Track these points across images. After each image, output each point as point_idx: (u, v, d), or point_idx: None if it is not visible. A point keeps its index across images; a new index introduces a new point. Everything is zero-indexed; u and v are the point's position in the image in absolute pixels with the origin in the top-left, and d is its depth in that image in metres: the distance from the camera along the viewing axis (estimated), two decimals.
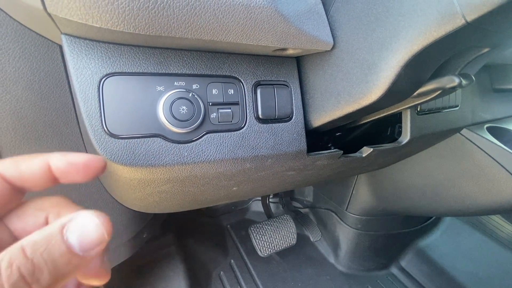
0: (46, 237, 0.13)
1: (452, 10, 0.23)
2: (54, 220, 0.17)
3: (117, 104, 0.28)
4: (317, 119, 0.38)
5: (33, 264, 0.13)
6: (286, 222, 1.00)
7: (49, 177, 0.17)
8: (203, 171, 0.34)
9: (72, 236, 0.14)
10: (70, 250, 0.14)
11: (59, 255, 0.13)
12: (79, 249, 0.14)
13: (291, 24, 0.30)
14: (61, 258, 0.14)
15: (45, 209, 0.18)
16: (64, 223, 0.14)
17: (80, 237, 0.14)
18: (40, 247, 0.13)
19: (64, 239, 0.14)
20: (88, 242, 0.14)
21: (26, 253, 0.13)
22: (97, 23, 0.24)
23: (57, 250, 0.13)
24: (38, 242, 0.13)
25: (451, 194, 0.68)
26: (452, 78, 0.32)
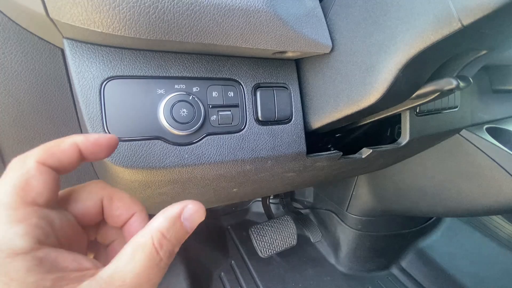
0: (172, 223, 0.19)
1: (449, 14, 0.23)
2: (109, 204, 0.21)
3: (118, 107, 0.29)
4: (317, 121, 0.39)
5: (172, 244, 0.18)
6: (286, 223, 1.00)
7: (79, 157, 0.19)
8: (203, 173, 0.35)
9: (186, 222, 0.19)
10: (186, 231, 0.19)
11: (182, 235, 0.19)
12: (189, 229, 0.20)
13: (290, 28, 0.30)
14: (182, 236, 0.19)
15: (95, 192, 0.21)
16: (179, 211, 0.19)
17: (191, 221, 0.19)
18: (172, 231, 0.18)
19: (183, 224, 0.19)
20: (195, 224, 0.20)
21: (166, 236, 0.18)
22: (99, 28, 0.24)
23: (180, 231, 0.19)
24: (170, 228, 0.18)
25: (451, 194, 0.68)
26: (450, 80, 0.32)
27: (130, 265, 0.16)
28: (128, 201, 0.22)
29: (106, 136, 0.20)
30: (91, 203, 0.21)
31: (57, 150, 0.18)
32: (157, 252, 0.17)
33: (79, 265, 0.17)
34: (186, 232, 0.19)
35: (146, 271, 0.16)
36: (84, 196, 0.21)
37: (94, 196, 0.21)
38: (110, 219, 0.21)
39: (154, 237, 0.17)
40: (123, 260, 0.17)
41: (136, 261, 0.16)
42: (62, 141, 0.19)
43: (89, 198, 0.21)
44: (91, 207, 0.21)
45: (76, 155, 0.19)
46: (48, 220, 0.17)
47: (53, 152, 0.18)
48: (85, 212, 0.20)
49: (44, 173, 0.17)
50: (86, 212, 0.20)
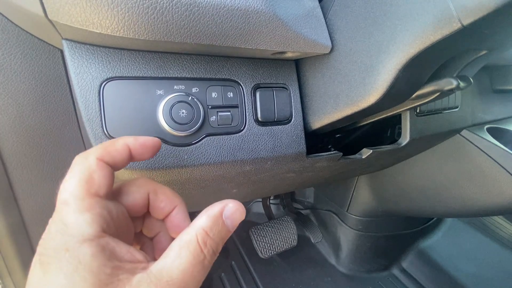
0: (215, 222, 0.19)
1: (448, 14, 0.23)
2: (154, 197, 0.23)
3: (117, 108, 0.29)
4: (316, 122, 0.39)
5: (216, 242, 0.19)
6: (287, 223, 1.00)
7: (129, 156, 0.21)
8: (203, 174, 0.34)
9: (227, 220, 0.20)
10: (227, 229, 0.20)
11: (224, 233, 0.20)
12: (231, 227, 0.20)
13: (289, 28, 0.30)
14: (225, 234, 0.20)
15: (143, 186, 0.22)
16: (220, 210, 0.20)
17: (232, 220, 0.20)
18: (215, 229, 0.19)
19: (225, 222, 0.20)
20: (236, 222, 0.21)
21: (209, 234, 0.19)
22: (98, 29, 0.24)
23: (223, 230, 0.20)
24: (212, 226, 0.19)
25: (452, 195, 0.68)
26: (450, 81, 0.32)
27: (177, 262, 0.17)
28: (170, 194, 0.23)
29: (151, 139, 0.23)
30: (139, 196, 0.22)
31: (113, 149, 0.20)
32: (201, 249, 0.18)
33: (133, 257, 0.18)
34: (228, 230, 0.20)
35: (191, 268, 0.17)
36: (133, 189, 0.22)
37: (142, 189, 0.22)
38: (155, 211, 0.23)
39: (198, 235, 0.18)
40: (171, 256, 0.18)
41: (182, 257, 0.18)
42: (116, 141, 0.21)
43: (137, 191, 0.22)
44: (139, 199, 0.22)
45: (127, 154, 0.21)
46: (108, 211, 0.19)
47: (109, 150, 0.20)
48: (134, 204, 0.22)
49: (103, 168, 0.19)
50: (135, 204, 0.22)
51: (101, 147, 0.20)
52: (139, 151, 0.22)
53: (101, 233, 0.17)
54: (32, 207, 0.39)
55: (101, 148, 0.20)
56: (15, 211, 0.38)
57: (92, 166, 0.19)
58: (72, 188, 0.18)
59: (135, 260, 0.18)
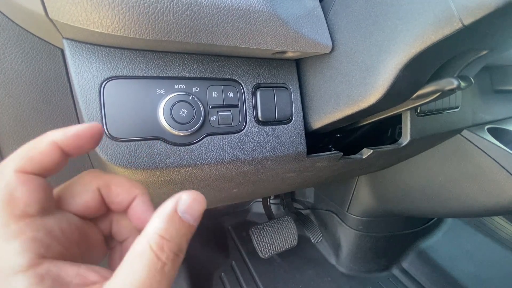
0: (170, 221, 0.17)
1: (449, 14, 0.23)
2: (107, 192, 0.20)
3: (118, 107, 0.29)
4: (317, 121, 0.38)
5: (176, 243, 0.17)
6: (287, 223, 1.00)
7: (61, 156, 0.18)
8: (203, 173, 0.34)
9: (185, 215, 0.18)
10: (189, 224, 0.18)
11: (186, 230, 0.18)
12: (193, 221, 0.18)
13: (290, 28, 0.30)
14: (187, 231, 0.18)
15: (90, 183, 0.20)
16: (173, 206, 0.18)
17: (191, 212, 0.18)
18: (172, 230, 0.17)
19: (182, 218, 0.17)
20: (196, 213, 0.18)
21: (166, 237, 0.16)
22: (98, 28, 0.24)
23: (182, 227, 0.17)
24: (168, 228, 0.17)
25: (452, 195, 0.68)
26: (450, 80, 0.32)
27: (130, 278, 0.15)
28: (127, 185, 0.21)
29: (87, 126, 0.18)
30: (88, 196, 0.19)
31: (35, 153, 0.17)
32: (157, 257, 0.16)
33: (84, 279, 0.16)
34: (189, 225, 0.18)
35: (148, 281, 0.15)
36: (79, 189, 0.19)
37: (89, 187, 0.19)
38: (113, 206, 0.21)
39: (151, 242, 0.16)
40: (123, 272, 0.15)
41: (135, 272, 0.15)
42: (39, 141, 0.17)
43: (85, 190, 0.19)
44: (90, 199, 0.19)
45: (57, 154, 0.17)
46: (46, 230, 0.16)
47: (31, 156, 0.16)
48: (85, 206, 0.19)
49: (26, 181, 0.16)
50: (86, 205, 0.19)
51: (20, 154, 0.16)
52: (73, 144, 0.18)
53: (37, 260, 0.15)
54: None
55: (20, 155, 0.16)
56: None
57: (11, 183, 0.15)
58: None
59: (87, 282, 0.16)
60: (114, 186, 0.20)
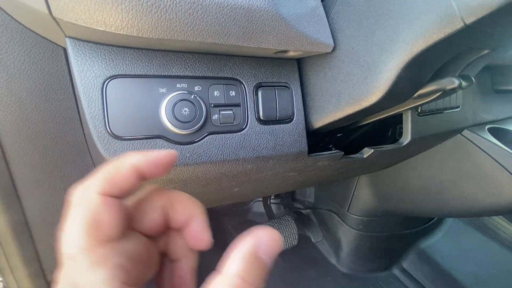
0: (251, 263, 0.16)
1: (451, 13, 0.23)
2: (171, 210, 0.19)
3: (120, 106, 0.29)
4: (318, 120, 0.39)
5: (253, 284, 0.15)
6: (287, 223, 1.00)
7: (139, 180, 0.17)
8: (204, 172, 0.35)
9: (264, 256, 0.17)
10: (266, 266, 0.17)
11: (262, 271, 0.16)
12: (270, 263, 0.17)
13: (292, 27, 0.30)
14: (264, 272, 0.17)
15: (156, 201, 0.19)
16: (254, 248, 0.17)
17: (269, 254, 0.17)
18: (252, 272, 0.16)
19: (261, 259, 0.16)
20: (274, 253, 0.17)
21: (246, 280, 0.15)
22: (101, 26, 0.24)
23: (261, 269, 0.16)
24: (248, 269, 0.16)
25: (452, 195, 0.68)
26: (452, 80, 0.32)
27: None
28: (188, 203, 0.20)
29: (165, 153, 0.18)
30: (155, 214, 0.19)
31: (119, 177, 0.16)
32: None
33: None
34: (267, 267, 0.17)
35: None
36: (147, 207, 0.19)
37: (156, 205, 0.19)
38: (174, 224, 0.20)
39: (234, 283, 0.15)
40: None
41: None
42: (120, 165, 0.17)
43: (152, 208, 0.19)
44: (157, 218, 0.19)
45: (136, 178, 0.17)
46: (127, 255, 0.16)
47: (114, 180, 0.16)
48: (153, 225, 0.19)
49: (111, 205, 0.16)
50: (154, 224, 0.19)
51: (103, 177, 0.16)
52: (152, 170, 0.18)
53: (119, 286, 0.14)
54: (34, 205, 0.39)
55: (104, 178, 0.16)
56: (17, 209, 0.38)
57: (96, 206, 0.15)
58: (77, 238, 0.14)
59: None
60: (177, 203, 0.19)
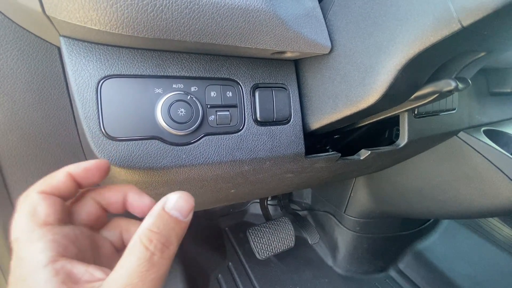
0: (158, 217, 0.19)
1: (448, 15, 0.23)
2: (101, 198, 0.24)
3: (115, 106, 0.28)
4: (315, 122, 0.38)
5: (163, 235, 0.19)
6: (284, 224, 1.00)
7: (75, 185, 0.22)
8: (201, 174, 0.34)
9: (173, 211, 0.20)
10: (177, 219, 0.20)
11: (174, 224, 0.20)
12: (181, 217, 0.20)
13: (289, 28, 0.30)
14: (176, 226, 0.20)
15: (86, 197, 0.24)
16: (161, 205, 0.20)
17: (179, 209, 0.20)
18: (160, 224, 0.19)
19: (170, 214, 0.20)
20: (184, 210, 0.20)
21: (154, 230, 0.19)
22: (96, 25, 0.24)
23: (170, 222, 0.20)
24: (155, 222, 0.19)
25: (448, 196, 0.68)
26: (448, 82, 0.32)
27: (124, 269, 0.18)
28: (115, 187, 0.24)
29: (95, 161, 0.23)
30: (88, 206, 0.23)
31: (53, 180, 0.21)
32: (146, 248, 0.18)
33: (91, 276, 0.18)
34: (177, 220, 0.20)
35: (137, 269, 0.17)
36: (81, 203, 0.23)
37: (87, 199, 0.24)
38: (112, 208, 0.24)
39: (141, 236, 0.19)
40: (118, 266, 0.18)
41: (128, 263, 0.18)
42: (57, 172, 0.22)
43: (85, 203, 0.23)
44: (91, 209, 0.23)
45: (71, 183, 0.22)
46: (63, 234, 0.20)
47: (50, 182, 0.21)
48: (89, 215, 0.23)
49: (46, 198, 0.20)
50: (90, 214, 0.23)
51: (42, 181, 0.21)
52: (83, 175, 0.22)
53: (55, 257, 0.18)
54: None
55: (42, 182, 0.21)
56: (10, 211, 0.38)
57: (34, 200, 0.20)
58: (20, 225, 0.19)
59: (94, 279, 0.18)
60: (105, 192, 0.24)
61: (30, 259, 0.18)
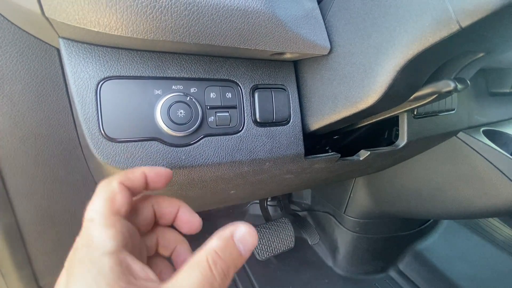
0: (226, 244, 0.20)
1: (447, 16, 0.23)
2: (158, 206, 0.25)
3: (114, 107, 0.28)
4: (315, 123, 0.38)
5: (227, 264, 0.19)
6: (284, 225, 1.00)
7: (145, 184, 0.23)
8: (200, 175, 0.34)
9: (239, 243, 0.20)
10: (239, 252, 0.20)
11: (236, 256, 0.20)
12: (243, 252, 0.20)
13: (288, 29, 0.30)
14: (237, 258, 0.20)
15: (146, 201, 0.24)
16: (232, 232, 0.20)
17: (244, 243, 0.20)
18: (226, 251, 0.19)
19: (236, 245, 0.20)
20: (248, 245, 0.21)
21: (220, 255, 0.19)
22: (95, 27, 0.24)
23: (234, 253, 0.20)
24: (224, 248, 0.19)
25: (448, 197, 0.68)
26: (447, 83, 0.32)
27: (186, 281, 0.18)
28: (171, 199, 0.25)
29: (164, 169, 0.24)
30: (147, 211, 0.24)
31: (132, 176, 0.22)
32: (211, 270, 0.18)
33: (146, 275, 0.19)
34: (239, 254, 0.20)
35: (199, 285, 0.17)
36: (140, 206, 0.24)
37: (147, 204, 0.24)
38: (163, 218, 0.25)
39: (208, 255, 0.19)
40: (180, 276, 0.18)
41: (191, 277, 0.18)
42: (135, 169, 0.23)
43: (144, 206, 0.24)
44: (149, 214, 0.24)
45: (143, 181, 0.23)
46: (127, 229, 0.20)
47: (129, 177, 0.22)
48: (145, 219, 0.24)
49: (124, 190, 0.21)
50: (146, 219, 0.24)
51: (123, 174, 0.22)
52: (154, 179, 0.23)
53: (121, 248, 0.18)
54: (26, 208, 0.38)
55: (123, 174, 0.22)
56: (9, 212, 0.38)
57: (115, 188, 0.21)
58: (97, 207, 0.20)
59: (148, 278, 0.19)
60: (162, 200, 0.25)
61: (100, 242, 0.18)
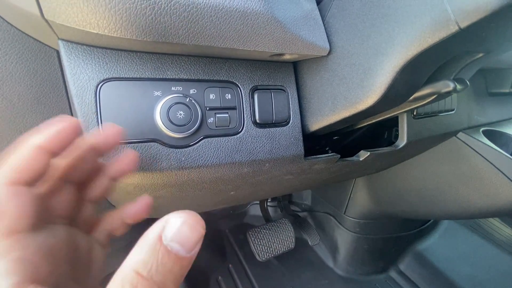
0: (151, 253, 0.13)
1: (446, 17, 0.23)
2: None
3: (114, 109, 0.28)
4: (314, 123, 0.38)
5: (155, 282, 0.13)
6: (284, 226, 0.99)
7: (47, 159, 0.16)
8: (200, 176, 0.34)
9: (172, 244, 0.14)
10: (178, 256, 0.14)
11: (171, 264, 0.13)
12: (185, 252, 0.14)
13: (287, 30, 0.30)
14: (175, 265, 0.14)
15: None
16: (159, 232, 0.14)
17: (181, 240, 0.14)
18: (152, 265, 0.13)
19: (168, 249, 0.14)
20: (189, 242, 0.14)
21: (143, 275, 0.13)
22: (95, 29, 0.24)
23: (168, 260, 0.13)
24: (147, 261, 0.13)
25: (448, 197, 0.68)
26: (447, 83, 0.32)
27: None
28: None
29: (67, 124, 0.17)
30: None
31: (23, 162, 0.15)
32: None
33: None
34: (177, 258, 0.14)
35: None
36: None
37: None
38: None
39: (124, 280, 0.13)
40: None
41: None
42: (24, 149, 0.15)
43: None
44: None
45: (44, 157, 0.16)
46: (35, 247, 0.14)
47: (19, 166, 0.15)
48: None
49: (19, 195, 0.14)
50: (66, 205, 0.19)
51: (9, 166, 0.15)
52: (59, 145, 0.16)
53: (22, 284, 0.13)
54: None
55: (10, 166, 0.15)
56: None
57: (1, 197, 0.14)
58: None
59: None
60: None
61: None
